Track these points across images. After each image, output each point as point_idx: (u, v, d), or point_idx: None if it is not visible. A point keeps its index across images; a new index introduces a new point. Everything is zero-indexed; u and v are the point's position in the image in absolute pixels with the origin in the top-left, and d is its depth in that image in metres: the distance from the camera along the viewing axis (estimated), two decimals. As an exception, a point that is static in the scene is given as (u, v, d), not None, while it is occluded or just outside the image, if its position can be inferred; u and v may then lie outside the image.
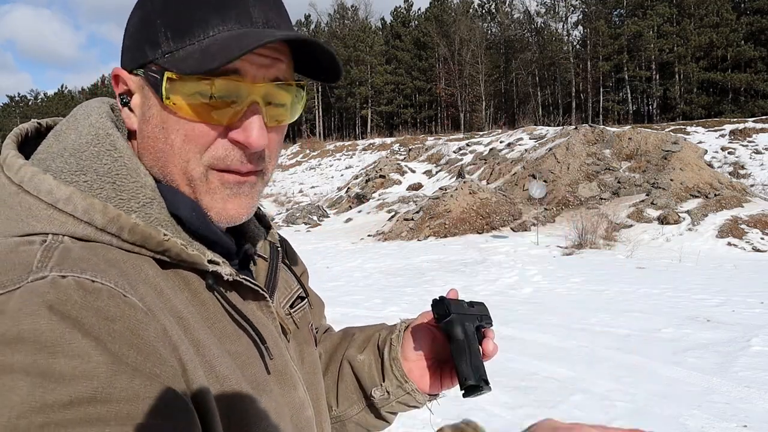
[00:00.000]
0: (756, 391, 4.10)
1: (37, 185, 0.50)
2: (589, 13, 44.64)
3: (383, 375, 0.82)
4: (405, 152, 28.90)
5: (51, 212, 0.49)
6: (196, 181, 0.56)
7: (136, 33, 0.57)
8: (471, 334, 0.73)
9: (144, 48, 0.56)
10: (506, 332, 5.99)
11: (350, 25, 57.62)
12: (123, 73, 0.57)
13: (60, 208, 0.49)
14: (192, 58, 0.53)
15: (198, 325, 0.53)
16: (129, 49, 0.58)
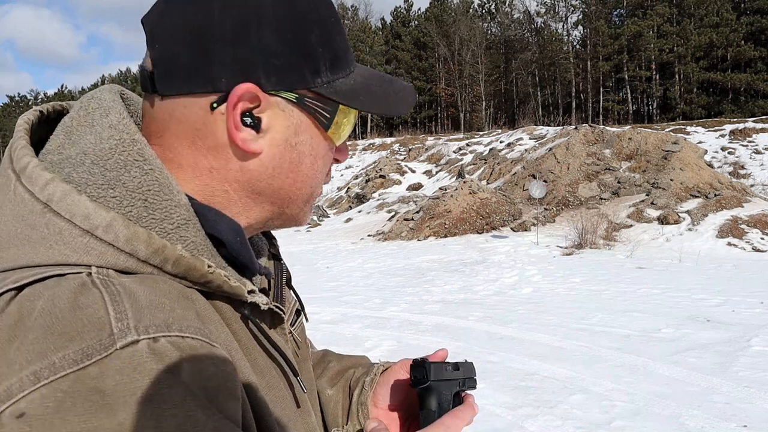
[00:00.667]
0: (756, 391, 4.10)
1: (70, 208, 0.43)
2: (589, 13, 44.65)
3: (347, 417, 0.75)
4: (405, 152, 28.91)
5: (87, 240, 0.43)
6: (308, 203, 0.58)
7: (290, 50, 0.50)
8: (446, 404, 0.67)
9: (301, 72, 0.51)
10: (506, 332, 5.99)
11: (350, 25, 57.64)
12: (260, 92, 0.49)
13: (98, 236, 0.43)
14: (366, 98, 0.55)
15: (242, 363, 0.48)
16: (279, 68, 0.50)
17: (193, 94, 0.49)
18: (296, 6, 0.51)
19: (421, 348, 5.52)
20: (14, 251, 0.43)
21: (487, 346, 5.49)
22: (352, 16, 58.72)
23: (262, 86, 0.49)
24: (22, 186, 0.44)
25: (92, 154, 0.47)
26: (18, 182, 0.45)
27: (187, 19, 0.48)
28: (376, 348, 5.56)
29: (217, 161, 0.51)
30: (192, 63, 0.48)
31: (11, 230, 0.44)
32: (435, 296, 8.03)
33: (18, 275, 0.41)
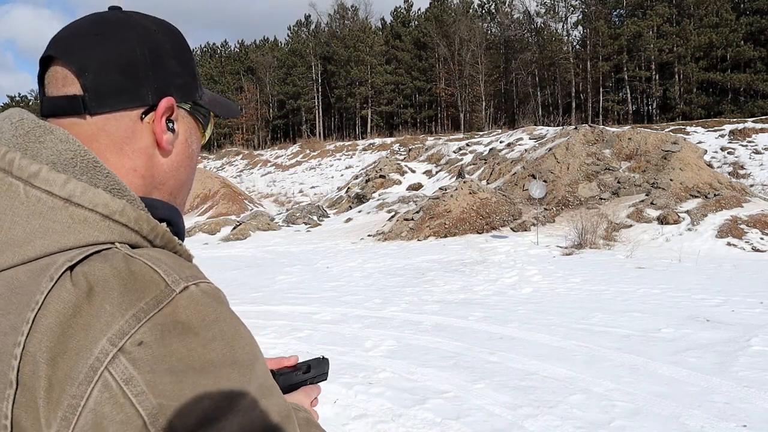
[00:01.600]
0: (756, 391, 4.10)
1: (92, 199, 0.54)
2: (589, 14, 44.64)
3: None
4: (405, 152, 28.90)
5: (108, 223, 0.54)
6: (189, 193, 0.73)
7: (185, 73, 0.68)
8: None
9: (191, 88, 0.69)
10: (506, 332, 5.99)
11: (350, 25, 57.60)
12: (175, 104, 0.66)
13: (116, 219, 0.55)
14: (219, 106, 0.74)
15: None
16: (181, 86, 0.67)
17: (124, 109, 0.62)
18: (179, 40, 0.69)
19: (421, 348, 5.52)
20: (40, 242, 0.52)
21: (487, 346, 5.49)
22: (352, 16, 58.68)
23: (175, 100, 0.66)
24: (36, 188, 0.54)
25: (60, 164, 0.57)
26: (29, 186, 0.54)
27: (116, 54, 0.62)
28: (376, 348, 5.56)
29: (140, 161, 0.64)
30: (124, 85, 0.62)
31: (29, 227, 0.53)
32: (435, 296, 8.03)
33: (62, 258, 0.51)
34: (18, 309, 0.50)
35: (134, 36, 0.64)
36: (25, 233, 0.52)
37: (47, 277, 0.50)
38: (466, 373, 4.69)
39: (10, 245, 0.52)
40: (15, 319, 0.49)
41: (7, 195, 0.54)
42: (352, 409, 4.06)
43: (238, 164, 40.21)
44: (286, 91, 57.26)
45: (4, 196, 0.54)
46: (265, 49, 63.14)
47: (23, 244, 0.52)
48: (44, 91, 0.64)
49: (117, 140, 0.62)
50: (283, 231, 18.82)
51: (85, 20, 0.65)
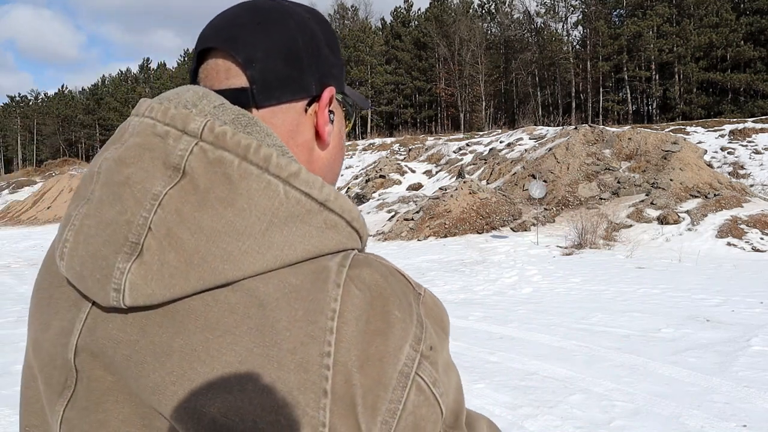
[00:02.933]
0: (756, 391, 4.10)
1: (342, 205, 0.54)
2: (588, 14, 44.65)
3: None
4: (405, 152, 28.91)
5: (350, 230, 0.54)
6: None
7: (338, 63, 0.66)
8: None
9: (342, 78, 0.67)
10: (506, 332, 5.99)
11: (350, 25, 57.60)
12: (334, 94, 0.64)
13: (354, 227, 0.55)
14: (360, 99, 0.72)
15: None
16: (337, 76, 0.65)
17: (291, 100, 0.60)
18: (330, 29, 0.66)
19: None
20: (301, 246, 0.50)
21: (487, 346, 5.49)
22: (352, 16, 58.69)
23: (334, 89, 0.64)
24: (296, 189, 0.52)
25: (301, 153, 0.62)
26: (288, 186, 0.51)
27: (279, 42, 0.59)
28: (376, 348, 5.56)
29: (303, 156, 0.61)
30: (290, 75, 0.59)
31: (288, 229, 0.50)
32: (435, 296, 8.02)
33: (332, 263, 0.51)
34: (309, 316, 0.48)
35: (293, 24, 0.61)
36: (284, 236, 0.50)
37: (332, 282, 0.49)
38: (466, 373, 4.69)
39: (269, 247, 0.49)
40: (309, 327, 0.48)
41: (265, 194, 0.50)
42: (352, 409, 4.06)
43: (238, 164, 40.19)
44: (286, 91, 57.23)
45: (262, 195, 0.50)
46: (265, 49, 63.07)
47: (283, 246, 0.50)
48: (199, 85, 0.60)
49: (284, 134, 0.59)
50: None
51: (241, 9, 0.61)
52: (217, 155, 0.50)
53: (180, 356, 0.48)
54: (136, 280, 0.48)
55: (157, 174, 0.50)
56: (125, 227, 0.49)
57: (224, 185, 0.50)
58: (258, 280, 0.49)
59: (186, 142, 0.51)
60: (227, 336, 0.47)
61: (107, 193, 0.52)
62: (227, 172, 0.50)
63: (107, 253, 0.49)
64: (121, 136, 0.55)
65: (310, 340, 0.47)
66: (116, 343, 0.51)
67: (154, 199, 0.49)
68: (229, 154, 0.51)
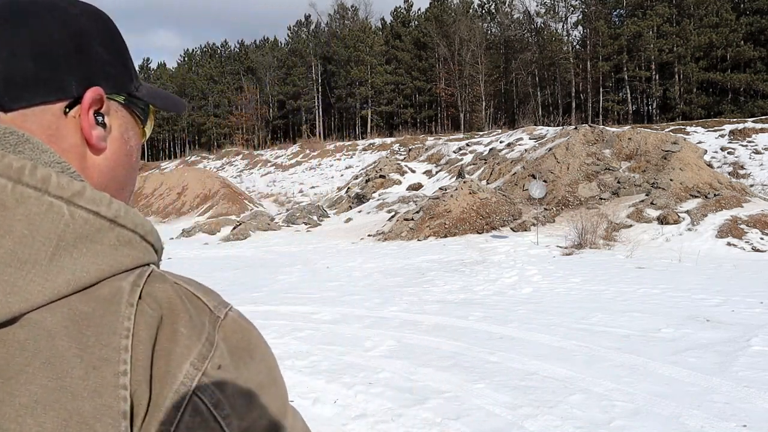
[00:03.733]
0: (756, 391, 4.10)
1: (133, 220, 0.51)
2: (588, 14, 44.64)
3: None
4: (405, 152, 28.91)
5: (144, 244, 0.52)
6: (131, 194, 0.66)
7: (116, 61, 0.60)
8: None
9: (124, 78, 0.61)
10: (506, 332, 5.99)
11: (350, 25, 57.59)
12: (104, 95, 0.58)
13: (149, 240, 0.53)
14: (160, 99, 0.67)
15: None
16: (112, 75, 0.59)
17: (44, 102, 0.54)
18: (109, 25, 0.61)
19: (421, 348, 5.52)
20: (93, 267, 0.48)
21: (487, 346, 5.49)
22: (352, 16, 58.68)
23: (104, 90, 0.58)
24: (82, 209, 0.48)
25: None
26: (72, 206, 0.48)
27: (29, 39, 0.54)
28: (376, 348, 5.56)
29: (75, 162, 0.56)
30: (41, 74, 0.54)
31: (78, 251, 0.47)
32: (435, 296, 8.03)
33: (124, 282, 0.49)
34: (101, 340, 0.46)
35: (53, 19, 0.56)
36: (74, 259, 0.47)
37: (125, 303, 0.47)
38: (466, 373, 4.69)
39: (59, 273, 0.46)
40: (102, 351, 0.45)
41: (47, 217, 0.47)
42: (352, 409, 4.07)
43: (238, 164, 40.21)
44: (286, 91, 57.27)
45: (45, 219, 0.46)
46: (265, 49, 63.15)
47: (74, 270, 0.47)
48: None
49: (43, 140, 0.54)
50: (283, 231, 18.82)
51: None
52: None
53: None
54: None
55: None
56: None
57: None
58: (46, 310, 0.45)
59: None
60: (20, 376, 0.43)
61: None
62: (0, 199, 0.46)
63: None
64: None
65: (102, 363, 0.45)
66: None
67: None
68: (0, 179, 0.46)
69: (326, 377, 4.71)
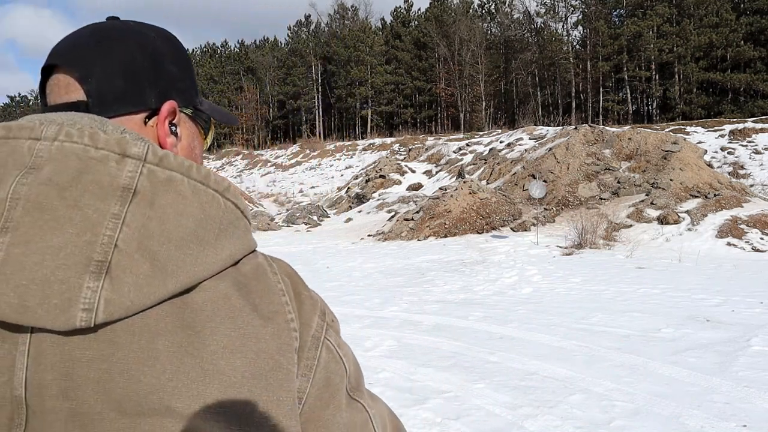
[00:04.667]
0: (756, 391, 4.10)
1: (248, 213, 0.62)
2: (588, 14, 44.62)
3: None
4: (405, 152, 28.90)
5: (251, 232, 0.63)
6: None
7: (185, 78, 0.70)
8: None
9: (191, 94, 0.71)
10: (506, 332, 5.99)
11: (350, 25, 57.57)
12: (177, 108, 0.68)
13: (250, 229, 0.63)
14: (219, 114, 0.76)
15: None
16: (182, 90, 0.69)
17: (129, 113, 0.64)
18: (178, 47, 0.71)
19: (421, 348, 5.52)
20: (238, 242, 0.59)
21: (487, 346, 5.49)
22: (352, 16, 58.66)
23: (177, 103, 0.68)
24: (229, 201, 0.59)
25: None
26: (224, 198, 0.59)
27: (117, 60, 0.64)
28: (376, 348, 5.56)
29: None
30: (127, 89, 0.64)
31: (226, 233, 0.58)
32: (435, 296, 8.03)
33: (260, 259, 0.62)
34: (266, 299, 0.58)
35: (134, 42, 0.66)
36: (228, 239, 0.58)
37: (270, 273, 0.61)
38: (466, 373, 4.69)
39: (222, 249, 0.57)
40: (270, 306, 0.58)
41: (212, 205, 0.57)
42: (352, 409, 4.06)
43: (238, 164, 40.20)
44: (286, 91, 57.26)
45: (211, 206, 0.57)
46: (265, 49, 63.14)
47: (230, 247, 0.58)
48: (46, 101, 0.65)
49: None
50: (283, 231, 18.82)
51: (85, 30, 0.66)
52: (167, 175, 0.56)
53: (167, 355, 0.52)
54: (112, 295, 0.50)
55: (107, 195, 0.53)
56: (87, 248, 0.51)
57: (180, 200, 0.55)
58: (217, 279, 0.56)
59: (133, 165, 0.55)
60: (206, 329, 0.54)
61: (45, 218, 0.51)
62: (179, 189, 0.55)
63: (67, 276, 0.50)
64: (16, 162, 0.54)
65: (274, 314, 0.58)
66: (87, 362, 0.51)
67: (116, 218, 0.52)
68: (177, 174, 0.56)
69: (326, 377, 4.70)
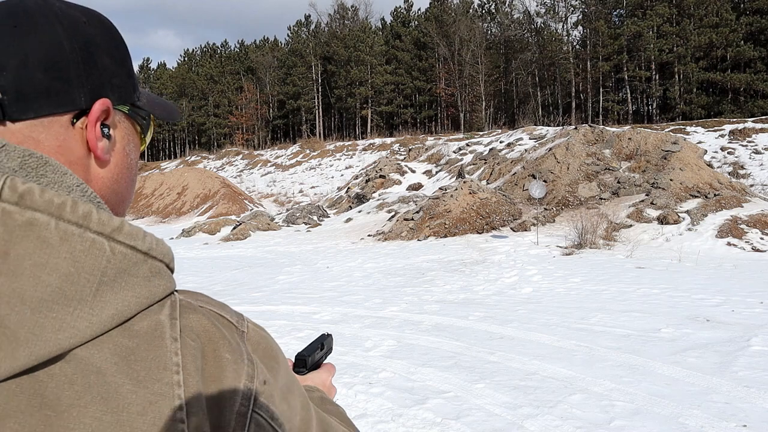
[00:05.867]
0: (756, 391, 4.10)
1: (161, 250, 0.52)
2: (588, 14, 44.63)
3: None
4: (405, 152, 28.91)
5: (169, 272, 0.53)
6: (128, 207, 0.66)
7: (121, 71, 0.60)
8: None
9: (128, 89, 0.61)
10: (506, 332, 5.99)
11: (350, 25, 57.59)
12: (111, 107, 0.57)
13: (171, 267, 0.54)
14: (160, 108, 0.67)
15: None
16: (118, 86, 0.59)
17: (53, 114, 0.53)
18: (114, 35, 0.60)
19: (421, 348, 5.53)
20: (134, 301, 0.48)
21: (487, 345, 5.49)
22: (352, 16, 58.67)
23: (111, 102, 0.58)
24: (122, 244, 0.48)
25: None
26: (113, 242, 0.48)
27: (40, 49, 0.52)
28: (376, 348, 5.56)
29: (80, 173, 0.56)
30: (51, 85, 0.53)
31: (117, 286, 0.48)
32: (435, 296, 8.03)
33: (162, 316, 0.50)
34: (152, 375, 0.47)
35: (61, 28, 0.54)
36: (115, 293, 0.47)
37: (168, 338, 0.49)
38: (466, 373, 4.69)
39: (103, 308, 0.46)
40: (155, 385, 0.47)
41: (90, 254, 0.46)
42: (352, 409, 4.07)
43: (238, 164, 40.21)
44: (286, 91, 57.27)
45: (88, 256, 0.46)
46: (265, 49, 63.15)
47: (117, 304, 0.47)
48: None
49: (51, 151, 0.53)
50: (283, 231, 18.82)
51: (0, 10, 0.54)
52: (27, 217, 0.44)
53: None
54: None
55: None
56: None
57: (42, 250, 0.44)
58: (92, 346, 0.45)
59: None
60: (72, 410, 0.43)
61: None
62: (43, 236, 0.45)
63: None
64: None
65: (159, 398, 0.46)
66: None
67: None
68: (42, 215, 0.45)
69: (326, 377, 4.71)
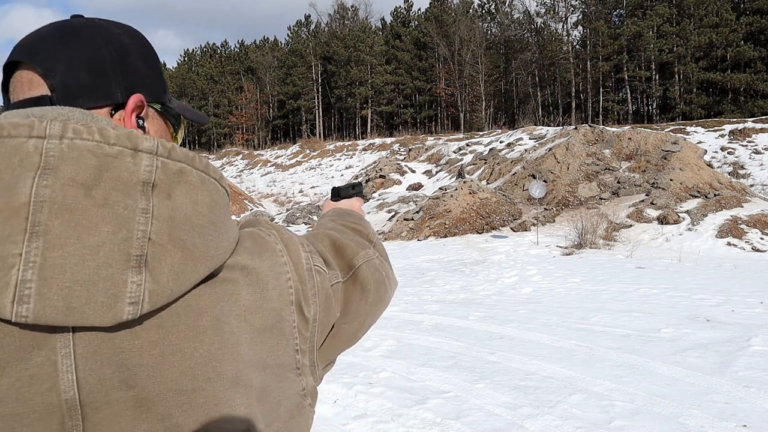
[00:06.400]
0: (756, 391, 4.10)
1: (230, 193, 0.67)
2: (588, 14, 44.62)
3: None
4: (405, 152, 28.89)
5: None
6: None
7: (153, 74, 0.71)
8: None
9: (160, 90, 0.72)
10: (506, 332, 5.99)
11: (350, 25, 57.55)
12: (144, 102, 0.68)
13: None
14: (189, 112, 0.78)
15: None
16: (150, 86, 0.70)
17: (95, 107, 0.64)
18: (145, 43, 0.71)
19: (421, 348, 5.52)
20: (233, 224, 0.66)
21: (487, 345, 5.49)
22: (352, 16, 58.64)
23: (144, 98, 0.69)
24: (224, 187, 0.64)
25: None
26: (220, 184, 0.63)
27: (82, 54, 0.64)
28: (376, 348, 5.56)
29: None
30: (93, 83, 0.64)
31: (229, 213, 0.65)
32: (435, 296, 8.03)
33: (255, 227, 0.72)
34: (272, 258, 0.67)
35: (99, 37, 0.66)
36: (230, 220, 0.65)
37: (266, 236, 0.69)
38: (466, 373, 4.69)
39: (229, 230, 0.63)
40: (276, 266, 0.67)
41: (217, 192, 0.62)
42: (352, 409, 4.07)
43: (238, 164, 40.19)
44: (286, 91, 57.25)
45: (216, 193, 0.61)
46: (265, 49, 63.11)
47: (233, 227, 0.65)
48: (9, 98, 0.64)
49: None
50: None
51: (49, 26, 0.66)
52: (178, 167, 0.58)
53: (211, 327, 0.58)
54: (153, 286, 0.54)
55: (131, 191, 0.54)
56: (124, 245, 0.53)
57: (192, 190, 0.58)
58: (233, 257, 0.63)
59: (148, 159, 0.56)
60: (233, 296, 0.61)
61: (77, 219, 0.51)
62: (190, 180, 0.58)
63: (110, 274, 0.52)
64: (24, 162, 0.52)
65: (279, 274, 0.66)
66: (138, 351, 0.55)
67: (145, 212, 0.54)
68: (185, 165, 0.59)
69: (326, 377, 4.71)
